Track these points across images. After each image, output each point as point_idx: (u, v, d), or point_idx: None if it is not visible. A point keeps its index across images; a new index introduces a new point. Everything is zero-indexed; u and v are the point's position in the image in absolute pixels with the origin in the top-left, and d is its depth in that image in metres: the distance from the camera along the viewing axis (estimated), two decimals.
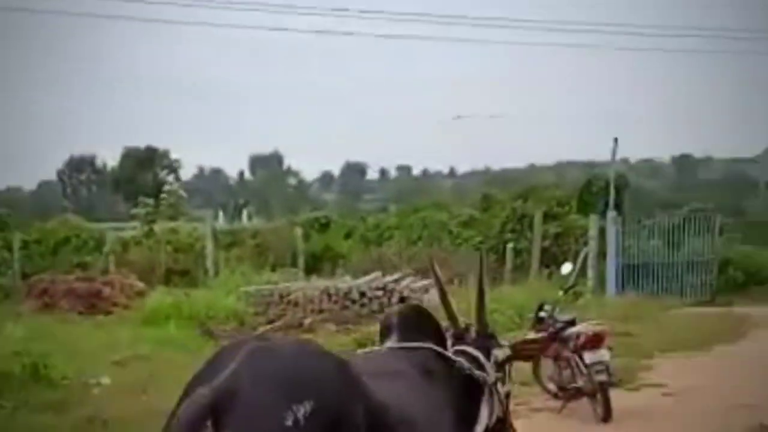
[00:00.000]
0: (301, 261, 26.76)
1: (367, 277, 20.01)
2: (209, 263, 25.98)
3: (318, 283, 20.40)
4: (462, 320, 4.30)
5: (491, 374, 4.05)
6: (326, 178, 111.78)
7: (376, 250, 28.18)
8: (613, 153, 23.73)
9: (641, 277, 22.92)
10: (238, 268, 24.01)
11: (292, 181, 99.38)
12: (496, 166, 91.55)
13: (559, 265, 22.28)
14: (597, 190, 25.71)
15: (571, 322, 9.79)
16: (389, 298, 18.69)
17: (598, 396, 9.55)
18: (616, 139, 23.58)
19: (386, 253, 26.93)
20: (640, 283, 22.77)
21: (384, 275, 20.50)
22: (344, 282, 19.66)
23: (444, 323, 4.21)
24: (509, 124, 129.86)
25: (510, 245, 24.33)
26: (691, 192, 58.29)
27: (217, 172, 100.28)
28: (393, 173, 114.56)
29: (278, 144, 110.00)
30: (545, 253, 24.90)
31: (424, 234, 32.51)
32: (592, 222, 22.81)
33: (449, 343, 4.10)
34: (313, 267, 26.43)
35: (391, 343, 3.92)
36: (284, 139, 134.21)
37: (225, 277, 22.90)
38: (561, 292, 10.41)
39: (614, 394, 10.42)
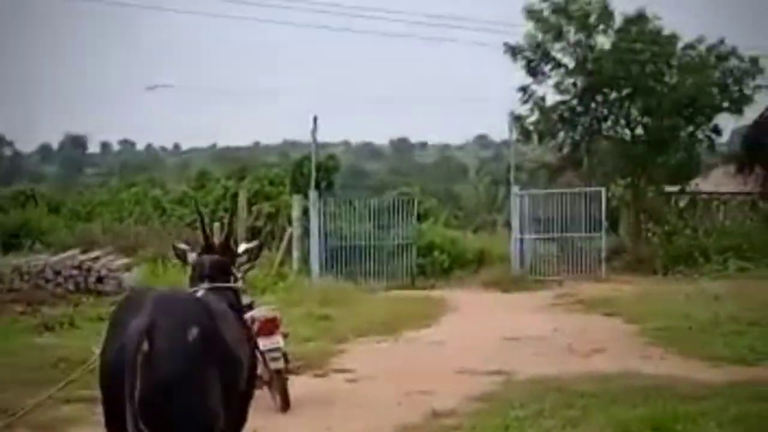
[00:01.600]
0: None
1: (63, 255, 19.03)
2: None
3: (11, 260, 19.17)
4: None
5: (239, 278, 5.98)
6: (45, 151, 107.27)
7: (81, 226, 27.02)
8: (313, 132, 23.78)
9: (350, 259, 23.03)
10: None
11: (7, 152, 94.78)
12: (222, 143, 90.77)
13: (269, 246, 22.28)
14: (308, 170, 25.62)
15: (249, 306, 9.43)
16: (86, 277, 17.88)
17: (276, 384, 9.30)
18: (315, 118, 23.66)
19: (91, 229, 25.85)
20: (348, 265, 22.88)
21: (85, 252, 19.59)
22: (39, 260, 18.55)
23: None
24: (235, 101, 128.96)
25: (216, 224, 23.80)
26: (407, 176, 59.93)
27: None
28: (116, 147, 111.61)
29: None
30: (257, 233, 24.59)
31: (136, 210, 31.56)
32: (296, 202, 22.73)
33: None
34: (11, 244, 24.87)
35: (206, 284, 5.66)
36: None
37: None
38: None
39: (301, 381, 10.32)
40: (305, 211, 22.67)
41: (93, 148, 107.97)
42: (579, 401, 9.02)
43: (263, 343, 9.05)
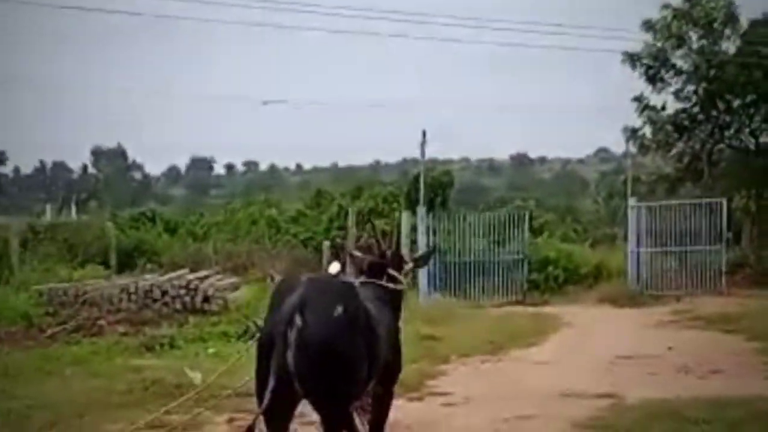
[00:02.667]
0: (113, 257, 25.48)
1: (171, 275, 19.07)
2: (15, 260, 24.34)
3: (120, 280, 19.31)
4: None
5: (403, 282, 6.82)
6: (173, 173, 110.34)
7: (194, 246, 27.23)
8: (422, 146, 23.45)
9: (461, 276, 22.66)
10: (42, 265, 22.59)
11: (137, 175, 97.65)
12: (343, 162, 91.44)
13: None
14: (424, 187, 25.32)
15: None
16: (193, 297, 17.78)
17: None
18: (424, 132, 23.34)
19: (204, 249, 26.02)
20: (459, 282, 22.53)
21: (194, 272, 19.62)
22: (146, 280, 18.60)
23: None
24: (356, 118, 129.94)
25: (326, 242, 23.66)
26: (526, 191, 59.24)
27: (59, 166, 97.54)
28: (240, 168, 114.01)
29: (121, 137, 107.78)
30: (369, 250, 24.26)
31: (252, 230, 31.71)
32: (405, 219, 22.37)
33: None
34: (126, 263, 25.18)
35: (363, 278, 6.65)
36: (128, 132, 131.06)
37: (25, 275, 21.43)
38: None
39: (395, 405, 9.76)
40: (415, 228, 22.34)
41: (218, 169, 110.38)
42: (692, 429, 8.38)
43: None
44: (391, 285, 6.69)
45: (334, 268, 10.02)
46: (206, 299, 17.84)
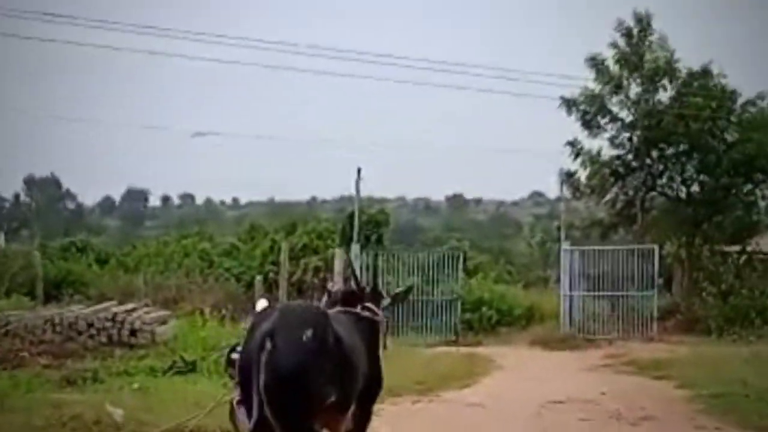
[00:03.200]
0: (39, 287, 24.92)
1: (98, 306, 18.57)
2: None
3: (44, 311, 18.79)
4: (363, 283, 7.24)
5: (381, 316, 6.99)
6: (107, 203, 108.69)
7: (124, 278, 26.76)
8: (357, 184, 23.41)
9: (394, 314, 22.46)
10: None
11: (71, 204, 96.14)
12: (280, 197, 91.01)
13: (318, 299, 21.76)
14: (359, 224, 25.20)
15: None
16: (119, 330, 17.27)
17: None
18: (359, 170, 23.29)
19: (134, 281, 25.57)
20: (395, 320, 22.35)
21: (123, 305, 19.16)
22: (71, 311, 18.11)
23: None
24: (293, 155, 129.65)
25: (258, 277, 23.43)
26: (461, 231, 59.44)
27: None
28: (176, 201, 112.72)
29: (56, 167, 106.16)
30: (302, 286, 24.32)
31: (184, 262, 31.31)
32: (338, 255, 22.22)
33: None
34: (53, 294, 24.64)
35: (338, 308, 6.63)
36: (62, 161, 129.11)
37: None
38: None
39: None
40: (349, 265, 22.20)
41: (154, 201, 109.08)
42: None
43: None
44: (366, 313, 6.81)
45: (261, 304, 9.81)
46: (133, 332, 17.37)
